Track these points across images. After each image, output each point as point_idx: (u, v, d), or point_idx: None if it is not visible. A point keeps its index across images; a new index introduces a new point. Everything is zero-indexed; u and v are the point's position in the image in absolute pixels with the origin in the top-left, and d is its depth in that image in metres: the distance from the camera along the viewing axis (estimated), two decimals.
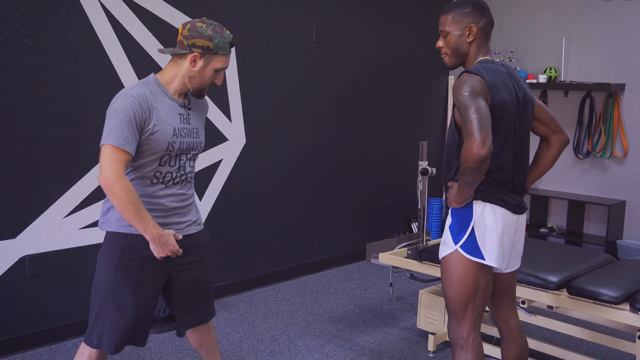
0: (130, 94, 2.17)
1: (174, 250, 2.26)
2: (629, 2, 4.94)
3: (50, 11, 3.41)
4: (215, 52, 2.23)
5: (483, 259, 2.29)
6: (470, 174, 2.15)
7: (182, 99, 2.34)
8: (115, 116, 2.13)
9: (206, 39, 2.21)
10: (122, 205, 2.12)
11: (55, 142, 3.50)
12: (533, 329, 3.80)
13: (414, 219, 5.84)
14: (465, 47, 2.34)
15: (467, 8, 2.33)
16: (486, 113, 2.12)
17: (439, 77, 5.99)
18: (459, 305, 2.35)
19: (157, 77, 2.29)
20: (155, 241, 2.21)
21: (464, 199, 2.26)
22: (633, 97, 4.97)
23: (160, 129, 2.20)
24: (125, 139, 2.12)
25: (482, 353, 2.37)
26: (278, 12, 4.54)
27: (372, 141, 5.42)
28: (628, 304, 2.80)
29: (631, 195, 5.03)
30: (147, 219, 2.17)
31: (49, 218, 3.51)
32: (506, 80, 2.29)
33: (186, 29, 2.23)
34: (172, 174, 2.30)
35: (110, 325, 2.27)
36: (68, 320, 3.65)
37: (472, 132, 2.09)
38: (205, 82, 2.28)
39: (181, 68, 2.27)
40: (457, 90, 2.19)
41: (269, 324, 3.94)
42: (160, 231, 2.22)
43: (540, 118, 2.50)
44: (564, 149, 2.57)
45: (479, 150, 2.07)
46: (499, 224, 2.29)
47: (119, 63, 3.71)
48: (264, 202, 4.64)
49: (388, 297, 4.49)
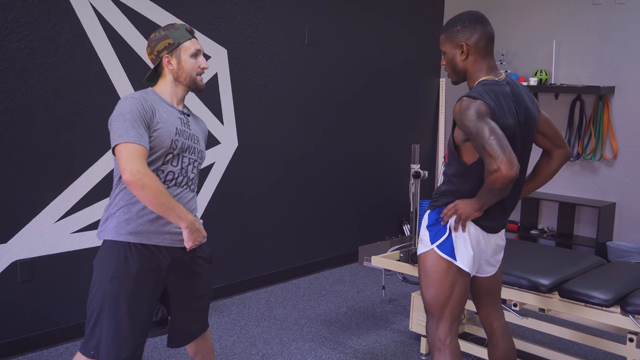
0: (132, 96, 2.24)
1: (205, 236, 2.29)
2: (618, 5, 4.98)
3: (42, 15, 3.40)
4: (178, 43, 2.33)
5: (455, 259, 2.32)
6: (500, 194, 2.13)
7: (180, 107, 2.40)
8: (123, 117, 2.17)
9: (162, 39, 2.34)
10: (154, 195, 2.11)
11: (47, 146, 3.49)
12: (524, 331, 3.82)
13: (405, 221, 5.85)
14: (461, 64, 2.32)
15: (456, 26, 2.30)
16: (501, 132, 2.09)
17: (431, 79, 6.01)
18: (436, 306, 2.38)
19: (154, 90, 2.38)
20: (192, 226, 2.22)
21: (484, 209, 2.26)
22: (622, 100, 5.01)
23: (163, 126, 2.24)
24: (138, 135, 2.15)
25: (460, 355, 2.41)
26: (270, 15, 4.55)
27: (364, 144, 5.43)
28: (619, 306, 2.82)
29: (621, 197, 5.07)
30: (179, 206, 2.19)
31: (41, 223, 3.49)
32: (509, 103, 2.25)
33: (147, 48, 2.39)
34: (175, 174, 2.30)
35: (107, 335, 2.24)
36: (60, 325, 3.63)
37: (496, 154, 2.05)
38: (190, 72, 2.35)
39: (166, 76, 2.37)
40: (461, 115, 2.15)
41: (262, 327, 3.94)
42: (194, 217, 2.24)
43: (544, 132, 2.48)
44: (564, 164, 2.57)
45: (508, 172, 2.04)
46: (472, 237, 2.32)
47: (111, 66, 3.70)
48: (257, 204, 4.64)
49: (380, 299, 4.50)
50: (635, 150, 4.97)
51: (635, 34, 4.90)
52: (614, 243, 5.00)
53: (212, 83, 4.25)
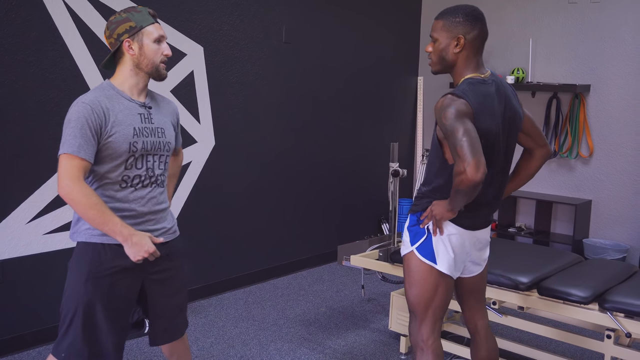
0: (82, 101, 2.14)
1: (150, 251, 2.14)
2: (593, 4, 5.02)
3: (12, 10, 3.31)
4: (140, 27, 2.21)
5: (435, 263, 2.31)
6: (465, 196, 2.10)
7: (142, 98, 2.28)
8: (68, 125, 2.10)
9: (123, 22, 2.21)
10: (84, 210, 2.07)
11: (18, 145, 3.40)
12: (504, 329, 3.83)
13: (384, 220, 5.84)
14: (452, 57, 2.26)
15: (459, 17, 2.24)
16: (475, 135, 2.06)
17: (409, 78, 6.01)
18: (419, 306, 2.37)
19: (110, 82, 2.26)
20: (128, 241, 2.12)
21: (456, 210, 2.24)
22: (598, 98, 5.05)
23: (118, 130, 2.15)
24: (78, 146, 2.07)
25: (442, 355, 2.40)
26: (247, 12, 4.50)
27: (343, 142, 5.41)
28: (597, 303, 2.83)
29: (597, 194, 5.12)
30: (113, 220, 2.10)
31: (11, 224, 3.40)
32: (493, 105, 2.22)
33: (106, 30, 2.25)
34: (141, 177, 2.24)
35: (80, 338, 2.19)
36: (32, 328, 3.54)
37: (464, 156, 2.02)
38: (153, 59, 2.23)
39: (125, 63, 2.24)
40: (441, 113, 2.12)
41: (240, 329, 3.90)
42: (132, 230, 2.13)
43: (527, 131, 2.47)
44: (545, 162, 2.57)
45: (473, 175, 2.01)
46: (451, 237, 2.30)
47: (83, 63, 3.62)
48: (234, 204, 4.59)
49: (359, 299, 4.48)
50: (610, 148, 5.02)
51: (610, 32, 4.94)
52: (590, 240, 5.04)
53: (189, 81, 4.19)
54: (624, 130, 4.94)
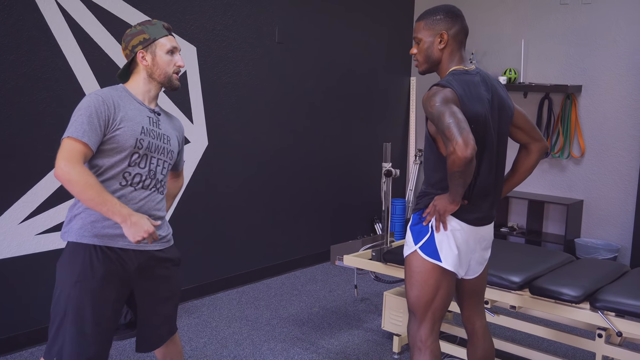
0: (95, 93, 2.20)
1: (150, 231, 2.10)
2: (585, 5, 5.05)
3: (4, 10, 3.30)
4: (154, 39, 2.28)
5: (440, 261, 2.31)
6: (460, 177, 2.12)
7: (152, 105, 2.34)
8: (78, 112, 2.14)
9: (138, 34, 2.29)
10: (82, 190, 2.04)
11: (10, 145, 3.38)
12: (496, 329, 3.84)
13: (377, 220, 5.86)
14: (437, 54, 2.32)
15: (439, 15, 2.32)
16: (462, 117, 2.10)
17: (401, 78, 6.03)
18: (419, 306, 2.37)
19: (124, 86, 2.32)
20: (127, 221, 2.08)
21: (458, 200, 2.25)
22: (589, 99, 5.08)
23: (127, 125, 2.18)
24: (83, 131, 2.09)
25: (439, 356, 2.40)
26: (240, 12, 4.50)
27: (336, 142, 5.42)
28: (588, 302, 2.85)
29: (588, 194, 5.15)
30: (112, 201, 2.07)
31: (4, 224, 3.39)
32: (479, 91, 2.27)
33: (122, 43, 2.33)
34: (142, 176, 2.24)
35: (70, 340, 2.17)
36: (26, 329, 3.53)
37: (452, 136, 2.05)
38: (166, 69, 2.29)
39: (139, 72, 2.31)
40: (428, 102, 2.17)
41: (233, 329, 3.90)
42: (130, 211, 2.10)
43: (519, 125, 2.49)
44: (542, 157, 2.59)
45: (463, 152, 2.03)
46: (455, 233, 2.31)
47: (76, 64, 3.61)
48: (227, 204, 4.59)
49: (352, 299, 4.49)
50: (601, 148, 5.05)
51: (602, 33, 4.97)
52: (581, 240, 5.07)
53: (181, 81, 4.17)
54: (615, 130, 4.97)
